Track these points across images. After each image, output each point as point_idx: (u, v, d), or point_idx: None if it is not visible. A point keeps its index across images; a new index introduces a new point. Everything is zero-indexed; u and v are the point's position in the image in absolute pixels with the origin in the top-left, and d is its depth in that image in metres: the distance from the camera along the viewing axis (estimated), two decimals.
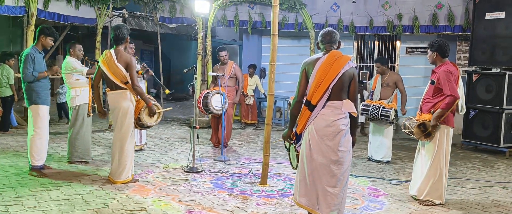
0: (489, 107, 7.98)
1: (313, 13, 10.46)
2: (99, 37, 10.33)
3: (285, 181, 5.50)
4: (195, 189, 5.02)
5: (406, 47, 10.82)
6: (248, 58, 12.01)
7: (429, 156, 4.72)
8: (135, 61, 5.12)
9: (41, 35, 5.33)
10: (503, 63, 7.95)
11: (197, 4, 9.15)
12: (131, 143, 5.12)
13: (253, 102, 10.42)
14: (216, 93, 6.94)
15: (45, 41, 5.35)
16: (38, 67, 5.24)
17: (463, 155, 7.86)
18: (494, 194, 5.33)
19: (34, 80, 5.21)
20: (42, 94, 5.29)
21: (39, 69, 5.26)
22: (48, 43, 5.39)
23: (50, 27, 5.44)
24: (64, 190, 4.77)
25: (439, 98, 4.66)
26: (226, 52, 7.55)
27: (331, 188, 3.60)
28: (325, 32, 3.83)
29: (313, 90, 3.64)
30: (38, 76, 5.22)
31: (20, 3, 8.25)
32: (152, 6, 10.86)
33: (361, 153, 7.57)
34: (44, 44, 5.38)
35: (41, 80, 5.29)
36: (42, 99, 5.29)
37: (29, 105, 5.30)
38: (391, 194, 5.15)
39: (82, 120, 5.93)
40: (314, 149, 3.62)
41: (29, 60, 5.17)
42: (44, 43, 5.36)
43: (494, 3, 8.12)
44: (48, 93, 5.41)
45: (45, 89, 5.36)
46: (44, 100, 5.32)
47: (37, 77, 5.21)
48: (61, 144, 7.34)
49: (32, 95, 5.26)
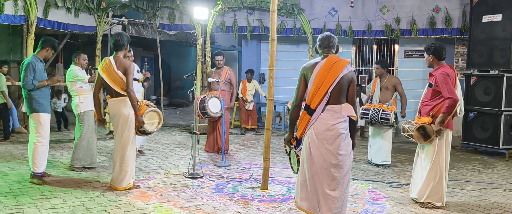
0: (488, 109, 8.00)
1: (311, 18, 10.51)
2: (99, 45, 10.39)
3: (286, 186, 5.51)
4: (196, 194, 5.04)
5: (404, 50, 10.87)
6: (247, 63, 12.05)
7: (429, 158, 4.74)
8: (134, 68, 5.14)
9: (48, 47, 5.45)
10: (501, 65, 7.99)
11: (196, 11, 9.21)
12: (132, 149, 5.13)
13: (253, 107, 10.45)
14: (212, 97, 6.97)
15: (48, 53, 5.49)
16: (38, 76, 5.29)
17: (463, 157, 7.88)
18: (494, 195, 5.34)
19: (34, 88, 5.25)
20: (42, 103, 5.33)
21: (40, 78, 5.31)
22: (50, 55, 5.56)
23: (55, 40, 5.58)
24: (66, 197, 4.78)
25: (437, 101, 4.69)
26: (222, 57, 7.61)
27: (332, 192, 3.61)
28: (323, 36, 3.87)
29: (312, 94, 3.66)
30: (38, 85, 5.26)
31: (19, 12, 8.29)
32: (151, 13, 10.92)
33: (361, 156, 7.59)
34: (46, 56, 5.50)
35: (41, 89, 5.33)
36: (43, 108, 5.33)
37: (30, 113, 5.34)
38: (392, 197, 5.16)
39: (87, 125, 6.00)
40: (314, 153, 3.64)
41: (30, 68, 5.21)
42: (46, 54, 5.49)
43: (491, 6, 8.17)
44: (48, 102, 5.46)
45: (46, 98, 5.40)
46: (45, 109, 5.36)
47: (37, 86, 5.25)
48: (62, 151, 7.35)
49: (33, 103, 5.30)
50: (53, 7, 9.08)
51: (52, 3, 9.05)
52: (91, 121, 6.04)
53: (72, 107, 6.11)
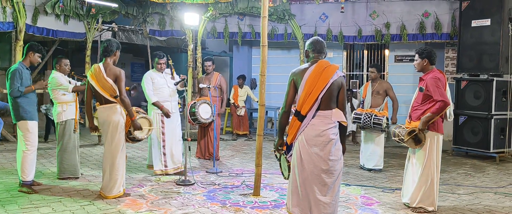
0: (478, 113, 8.06)
1: (302, 24, 10.55)
2: (88, 52, 10.32)
3: (278, 192, 5.48)
4: (188, 201, 4.99)
5: (394, 55, 10.93)
6: (239, 69, 12.05)
7: (420, 163, 4.75)
8: (124, 74, 5.10)
9: (30, 51, 5.33)
10: (490, 69, 8.05)
11: (187, 16, 9.18)
12: (122, 157, 5.08)
13: (245, 113, 10.43)
14: (202, 103, 6.94)
15: (33, 57, 5.37)
16: (25, 83, 5.22)
17: (454, 161, 7.91)
18: (485, 199, 5.36)
19: (20, 95, 5.18)
20: (29, 110, 5.26)
21: (26, 85, 5.23)
22: (36, 59, 5.40)
23: (38, 44, 5.45)
24: (55, 206, 4.71)
25: (428, 106, 4.70)
26: (211, 63, 7.60)
27: (323, 197, 3.60)
28: (317, 40, 3.84)
29: (302, 100, 3.65)
30: (24, 91, 5.19)
31: (8, 18, 8.22)
32: (141, 19, 10.88)
33: (353, 161, 7.59)
34: (32, 61, 5.39)
35: (27, 96, 5.25)
36: (29, 115, 5.26)
37: (17, 121, 5.26)
38: (384, 202, 5.15)
39: (68, 135, 5.89)
40: (305, 158, 3.63)
41: (17, 76, 5.15)
42: (32, 59, 5.37)
43: (479, 11, 8.25)
44: (35, 109, 5.38)
45: (32, 105, 5.33)
46: (32, 116, 5.29)
47: (23, 92, 5.18)
48: (51, 159, 7.26)
49: (20, 111, 5.23)
50: (42, 13, 9.01)
51: (41, 9, 8.98)
52: (72, 130, 5.93)
53: (53, 115, 5.96)
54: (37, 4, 8.93)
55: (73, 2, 9.55)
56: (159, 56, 6.40)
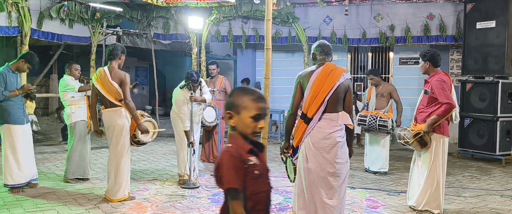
0: (483, 115, 8.01)
1: (306, 27, 10.54)
2: (93, 56, 10.33)
3: (283, 195, 5.47)
4: (193, 205, 4.99)
5: (399, 58, 10.89)
6: (243, 72, 12.04)
7: (426, 166, 4.72)
8: (129, 78, 5.11)
9: (22, 59, 5.42)
10: (496, 71, 8.02)
11: (191, 20, 9.20)
12: (127, 160, 5.09)
13: None
14: (207, 106, 6.94)
15: (22, 65, 5.41)
16: (10, 87, 5.25)
17: (459, 164, 7.87)
18: (491, 202, 5.33)
19: (4, 99, 5.20)
20: (13, 113, 5.28)
21: (11, 89, 5.26)
22: (24, 68, 5.46)
23: (35, 55, 5.50)
24: (60, 210, 4.72)
25: (433, 108, 4.68)
26: (215, 66, 7.61)
27: (329, 200, 3.59)
28: (324, 43, 3.84)
29: (309, 103, 3.64)
30: (9, 95, 5.22)
31: (13, 23, 8.25)
32: (146, 23, 10.90)
33: (358, 164, 7.56)
34: (19, 68, 5.43)
35: (12, 99, 5.27)
36: (14, 118, 5.28)
37: (1, 125, 5.29)
38: (390, 205, 5.13)
39: (78, 136, 5.93)
40: (311, 161, 3.62)
41: (1, 80, 5.19)
42: (20, 66, 5.42)
43: (484, 13, 8.22)
44: (21, 113, 5.39)
45: (18, 109, 5.35)
46: (17, 120, 5.30)
47: (7, 96, 5.20)
48: (56, 163, 7.28)
49: (4, 114, 5.27)
50: (47, 18, 9.04)
51: (46, 14, 9.01)
52: (82, 131, 5.97)
53: (64, 117, 6.08)
54: (42, 8, 8.97)
55: (78, 7, 9.58)
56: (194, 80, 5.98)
